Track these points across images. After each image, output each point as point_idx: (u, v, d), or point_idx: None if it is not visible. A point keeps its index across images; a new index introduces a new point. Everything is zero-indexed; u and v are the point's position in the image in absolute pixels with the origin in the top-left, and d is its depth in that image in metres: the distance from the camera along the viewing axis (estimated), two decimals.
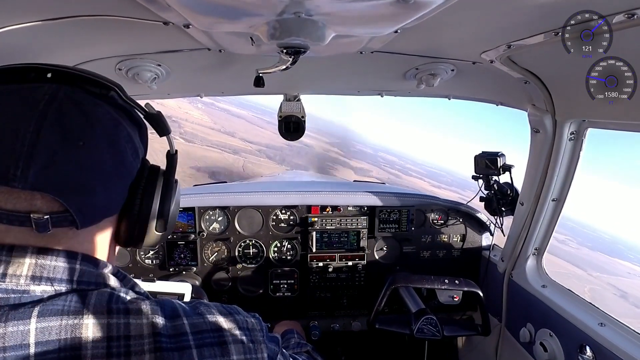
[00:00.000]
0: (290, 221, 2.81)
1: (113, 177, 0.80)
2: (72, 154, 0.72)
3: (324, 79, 2.51)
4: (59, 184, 0.71)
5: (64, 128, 0.72)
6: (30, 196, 0.71)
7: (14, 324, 0.68)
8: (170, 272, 2.72)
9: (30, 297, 0.73)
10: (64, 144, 0.72)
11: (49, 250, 0.76)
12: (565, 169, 2.02)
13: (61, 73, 0.78)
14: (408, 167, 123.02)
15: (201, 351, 0.80)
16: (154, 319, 0.78)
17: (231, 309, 0.92)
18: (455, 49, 1.83)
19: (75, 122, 0.74)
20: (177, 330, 0.80)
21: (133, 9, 1.22)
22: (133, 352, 0.75)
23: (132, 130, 0.85)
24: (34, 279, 0.74)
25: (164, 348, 0.77)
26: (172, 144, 0.95)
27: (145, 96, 2.43)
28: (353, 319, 2.96)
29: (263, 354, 0.89)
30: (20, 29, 1.31)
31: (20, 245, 0.74)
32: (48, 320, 0.70)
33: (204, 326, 0.84)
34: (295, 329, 1.78)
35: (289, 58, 1.48)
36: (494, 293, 2.57)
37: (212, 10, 1.21)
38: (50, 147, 0.70)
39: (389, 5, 1.06)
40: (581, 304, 2.01)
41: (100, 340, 0.73)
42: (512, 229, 2.42)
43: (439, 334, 2.22)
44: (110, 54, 1.81)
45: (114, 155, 0.79)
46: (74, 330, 0.72)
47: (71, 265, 0.77)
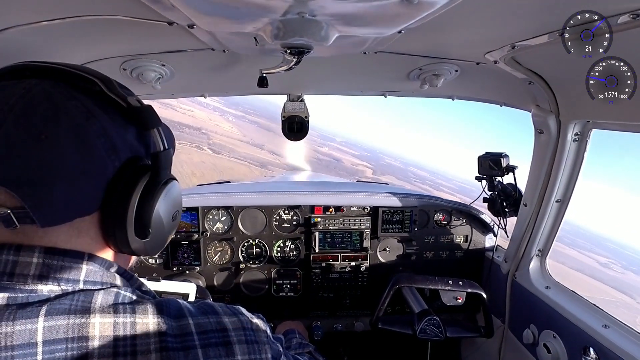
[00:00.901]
0: (293, 221, 2.81)
1: (78, 172, 0.75)
2: (32, 147, 0.70)
3: (328, 79, 2.51)
4: (16, 177, 0.70)
5: (29, 122, 0.71)
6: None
7: (22, 323, 0.69)
8: (173, 271, 2.73)
9: (37, 297, 0.73)
10: (25, 138, 0.70)
11: (56, 250, 0.76)
12: (570, 170, 2.01)
13: (45, 69, 0.78)
14: (439, 182, 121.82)
15: (206, 351, 0.81)
16: (159, 319, 0.79)
17: (235, 309, 0.92)
18: (459, 49, 1.82)
19: (41, 115, 0.72)
20: (182, 330, 0.81)
21: (138, 9, 1.23)
22: (139, 351, 0.75)
23: (113, 126, 0.80)
24: (41, 279, 0.74)
25: (169, 347, 0.77)
26: (161, 141, 0.87)
27: (149, 96, 2.44)
28: (356, 319, 2.95)
29: (267, 355, 0.89)
30: (27, 29, 1.32)
31: (27, 245, 0.74)
32: (55, 319, 0.71)
33: (209, 326, 0.84)
34: (297, 329, 1.78)
35: (293, 58, 1.49)
36: (497, 294, 2.57)
37: (217, 11, 1.21)
38: (9, 141, 0.69)
39: (392, 6, 1.06)
40: (585, 306, 2.00)
41: (107, 339, 0.73)
42: (516, 230, 2.41)
43: (442, 335, 2.22)
44: (114, 54, 1.82)
45: (78, 150, 0.74)
46: (81, 329, 0.72)
47: (78, 265, 0.78)
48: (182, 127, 79.51)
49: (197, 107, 66.48)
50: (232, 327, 0.87)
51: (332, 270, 2.84)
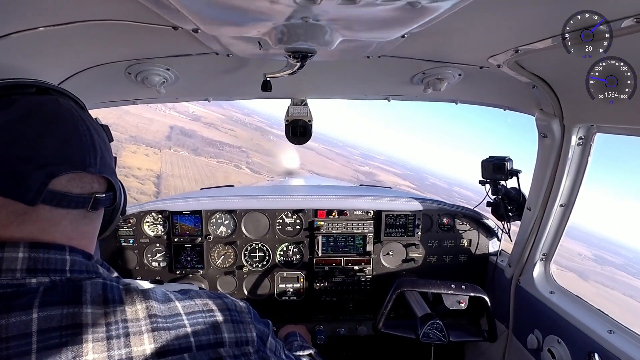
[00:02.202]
0: (296, 225, 2.81)
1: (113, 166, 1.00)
2: (105, 147, 0.94)
3: (331, 83, 2.51)
4: (108, 166, 0.93)
5: (95, 129, 0.93)
6: (96, 179, 0.90)
7: (17, 315, 0.72)
8: (177, 274, 2.74)
9: (28, 289, 0.76)
10: (100, 140, 0.93)
11: (40, 244, 0.80)
12: (574, 174, 2.00)
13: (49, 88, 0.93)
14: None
15: (195, 329, 0.86)
16: (148, 303, 0.84)
17: (220, 294, 1.00)
18: (463, 53, 1.83)
19: (80, 120, 0.91)
20: (171, 311, 0.86)
21: (143, 14, 1.24)
22: (132, 332, 0.79)
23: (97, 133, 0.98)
24: (30, 272, 0.77)
25: (160, 328, 0.82)
26: None
27: (154, 100, 2.46)
28: (359, 323, 2.95)
29: (252, 333, 0.96)
30: (33, 34, 1.33)
31: (10, 241, 0.78)
32: (49, 310, 0.74)
33: (195, 307, 0.90)
34: (299, 332, 1.78)
35: (297, 62, 1.49)
36: (501, 299, 2.55)
37: (221, 15, 1.22)
38: (97, 142, 0.91)
39: (396, 10, 1.07)
40: (590, 311, 1.99)
41: (100, 325, 0.77)
42: (520, 234, 2.40)
43: (445, 339, 2.21)
44: (120, 58, 1.83)
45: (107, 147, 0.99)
46: (74, 317, 0.75)
47: (62, 257, 0.82)
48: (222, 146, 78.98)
49: (239, 127, 66.65)
50: (217, 308, 0.93)
51: (335, 274, 2.84)
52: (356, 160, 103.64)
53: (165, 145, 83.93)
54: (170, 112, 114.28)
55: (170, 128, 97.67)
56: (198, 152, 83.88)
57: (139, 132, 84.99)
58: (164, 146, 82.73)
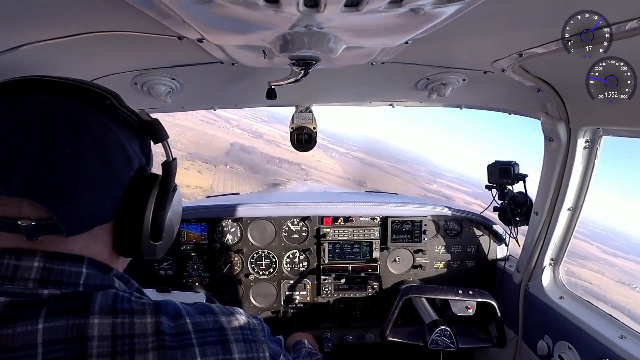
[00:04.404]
0: (302, 232, 2.81)
1: (100, 183, 0.80)
2: (57, 161, 0.74)
3: (335, 90, 2.52)
4: (44, 190, 0.73)
5: (51, 136, 0.74)
6: (18, 202, 0.74)
7: (23, 325, 0.71)
8: (183, 282, 2.74)
9: (38, 299, 0.75)
10: (50, 152, 0.73)
11: (57, 255, 0.78)
12: (581, 177, 1.99)
13: (55, 84, 0.80)
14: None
15: (203, 349, 0.82)
16: (157, 319, 0.80)
17: (233, 309, 0.94)
18: (467, 58, 1.83)
19: (63, 130, 0.76)
20: (180, 329, 0.83)
21: (149, 25, 1.26)
22: (137, 350, 0.77)
23: (126, 138, 0.85)
24: (42, 283, 0.76)
25: (167, 346, 0.79)
26: (169, 152, 0.92)
27: (160, 109, 2.48)
28: (366, 330, 2.93)
29: (265, 354, 0.91)
30: (40, 46, 1.35)
31: (27, 249, 0.76)
32: (55, 321, 0.73)
33: (206, 325, 0.86)
34: (306, 340, 1.78)
35: (301, 70, 1.50)
36: (510, 304, 2.53)
37: (225, 25, 1.23)
38: (35, 155, 0.72)
39: (399, 17, 1.07)
40: (601, 316, 1.96)
41: (106, 339, 0.75)
42: (527, 239, 2.38)
43: (454, 346, 2.19)
44: (126, 69, 1.85)
45: (101, 162, 0.79)
46: (80, 329, 0.74)
47: (77, 269, 0.80)
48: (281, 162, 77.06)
49: None
50: (229, 326, 0.88)
51: (341, 282, 2.82)
52: (424, 178, 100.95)
53: (221, 161, 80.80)
54: (234, 130, 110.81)
55: (230, 145, 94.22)
56: (255, 169, 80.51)
57: (198, 148, 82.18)
58: (220, 162, 79.73)
